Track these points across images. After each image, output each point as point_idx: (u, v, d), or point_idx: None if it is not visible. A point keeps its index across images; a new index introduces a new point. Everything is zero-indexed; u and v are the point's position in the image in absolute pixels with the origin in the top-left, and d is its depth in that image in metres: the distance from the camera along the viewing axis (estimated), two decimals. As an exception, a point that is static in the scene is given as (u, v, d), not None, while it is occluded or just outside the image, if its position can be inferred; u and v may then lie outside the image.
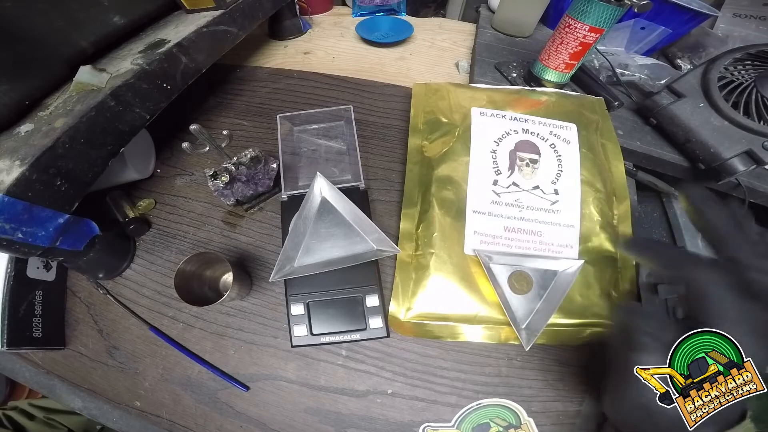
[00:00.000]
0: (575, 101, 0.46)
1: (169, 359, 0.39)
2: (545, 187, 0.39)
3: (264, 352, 0.39)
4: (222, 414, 0.37)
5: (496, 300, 0.35)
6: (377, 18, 0.68)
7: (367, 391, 0.37)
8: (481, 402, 0.36)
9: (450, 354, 0.38)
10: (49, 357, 0.40)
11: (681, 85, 0.45)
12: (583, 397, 0.37)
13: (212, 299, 0.33)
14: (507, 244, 0.38)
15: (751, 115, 0.41)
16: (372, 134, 0.50)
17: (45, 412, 0.55)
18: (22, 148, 0.28)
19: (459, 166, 0.40)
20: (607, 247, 0.38)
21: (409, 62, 0.61)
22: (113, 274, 0.42)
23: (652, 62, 0.55)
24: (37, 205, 0.28)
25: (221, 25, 0.43)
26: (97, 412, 0.38)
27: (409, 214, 0.41)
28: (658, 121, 0.47)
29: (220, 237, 0.44)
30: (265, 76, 0.58)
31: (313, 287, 0.39)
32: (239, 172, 0.40)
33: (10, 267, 0.36)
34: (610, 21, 0.39)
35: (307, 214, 0.38)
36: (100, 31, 0.37)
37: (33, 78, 0.32)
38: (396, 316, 0.37)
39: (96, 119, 0.31)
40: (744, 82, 0.42)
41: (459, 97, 0.46)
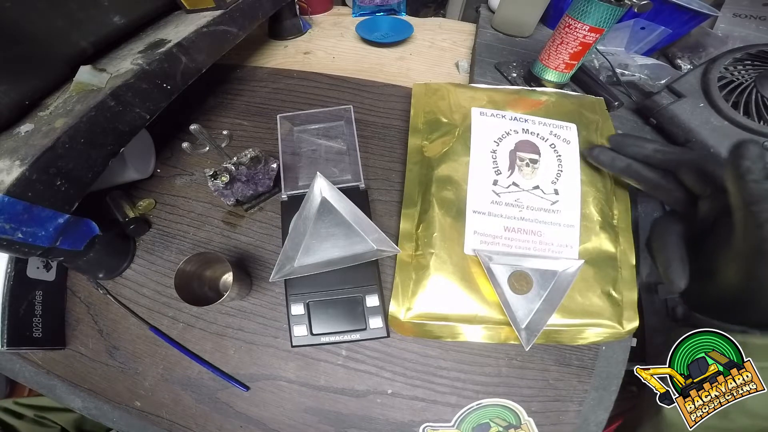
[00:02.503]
0: (575, 101, 0.46)
1: (169, 359, 0.39)
2: (545, 187, 0.39)
3: (264, 352, 0.39)
4: (222, 414, 0.37)
5: (496, 300, 0.35)
6: (377, 18, 0.68)
7: (367, 391, 0.37)
8: (481, 402, 0.36)
9: (450, 354, 0.38)
10: (49, 357, 0.40)
11: (681, 85, 0.45)
12: (583, 397, 0.37)
13: (212, 299, 0.33)
14: (507, 244, 0.38)
15: (751, 115, 0.41)
16: (372, 134, 0.50)
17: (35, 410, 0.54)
18: (22, 148, 0.28)
19: (459, 166, 0.40)
20: (607, 247, 0.38)
21: (409, 62, 0.61)
22: (113, 274, 0.42)
23: (652, 62, 0.55)
24: (37, 205, 0.28)
25: (221, 25, 0.43)
26: (97, 412, 0.38)
27: (409, 214, 0.41)
28: (658, 121, 0.47)
29: (220, 237, 0.44)
30: (265, 76, 0.58)
31: (313, 287, 0.39)
32: (239, 172, 0.40)
33: (10, 267, 0.36)
34: (610, 21, 0.39)
35: (307, 214, 0.38)
36: (100, 31, 0.37)
37: (33, 78, 0.32)
38: (396, 316, 0.37)
39: (96, 119, 0.31)
40: (744, 82, 0.42)
41: (459, 97, 0.46)
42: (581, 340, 0.37)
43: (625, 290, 0.37)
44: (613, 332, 0.36)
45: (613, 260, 0.38)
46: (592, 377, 0.38)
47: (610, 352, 0.39)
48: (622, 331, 0.36)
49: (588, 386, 0.38)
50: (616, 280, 0.37)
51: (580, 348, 0.39)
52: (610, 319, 0.36)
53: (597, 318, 0.36)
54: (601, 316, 0.36)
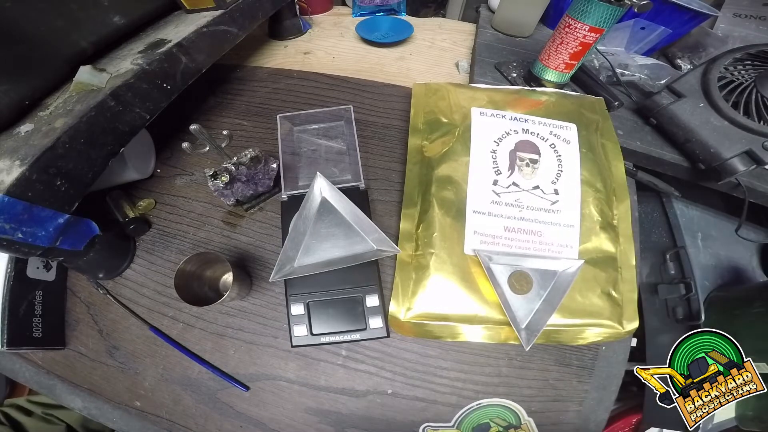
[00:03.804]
0: (575, 101, 0.46)
1: (169, 359, 0.39)
2: (545, 187, 0.39)
3: (264, 352, 0.39)
4: (222, 414, 0.37)
5: (496, 300, 0.35)
6: (377, 18, 0.68)
7: (367, 391, 0.37)
8: (481, 402, 0.36)
9: (450, 354, 0.38)
10: (49, 357, 0.40)
11: (681, 85, 0.45)
12: (583, 397, 0.37)
13: (212, 299, 0.33)
14: (507, 244, 0.38)
15: (751, 115, 0.41)
16: (372, 134, 0.50)
17: (43, 407, 0.55)
18: (22, 148, 0.28)
19: (459, 166, 0.40)
20: (607, 247, 0.38)
21: (409, 62, 0.61)
22: (113, 274, 0.42)
23: (652, 62, 0.55)
24: (37, 205, 0.28)
25: (221, 25, 0.43)
26: (97, 412, 0.38)
27: (409, 214, 0.41)
28: (658, 121, 0.47)
29: (220, 237, 0.44)
30: (265, 76, 0.58)
31: (313, 287, 0.39)
32: (239, 172, 0.40)
33: (10, 267, 0.36)
34: (610, 21, 0.39)
35: (307, 214, 0.38)
36: (100, 31, 0.37)
37: (33, 78, 0.32)
38: (396, 316, 0.37)
39: (96, 119, 0.31)
40: (744, 82, 0.42)
41: (459, 97, 0.46)
42: (581, 340, 0.37)
43: (625, 290, 0.37)
44: (613, 332, 0.36)
45: (613, 260, 0.38)
46: (592, 377, 0.38)
47: (610, 352, 0.39)
48: (622, 331, 0.36)
49: (588, 386, 0.38)
50: (616, 280, 0.37)
51: (580, 348, 0.39)
52: (610, 319, 0.36)
53: (597, 318, 0.36)
54: (601, 316, 0.36)
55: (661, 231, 0.53)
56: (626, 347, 0.39)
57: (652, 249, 0.51)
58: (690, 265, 0.48)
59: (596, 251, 0.38)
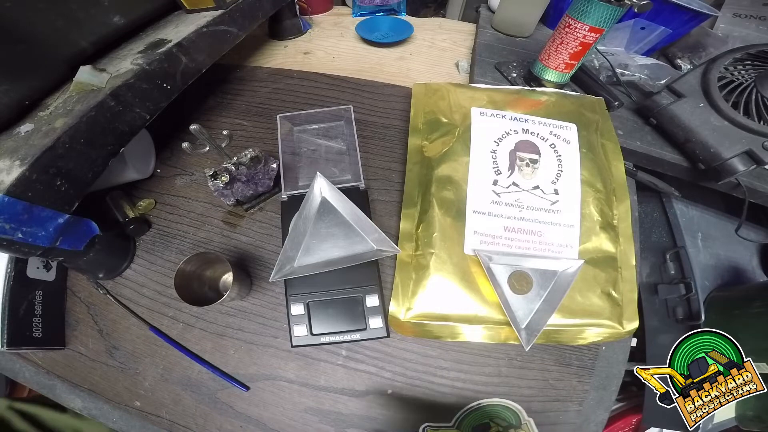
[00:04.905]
0: (575, 101, 0.46)
1: (169, 359, 0.39)
2: (545, 187, 0.39)
3: (264, 352, 0.39)
4: (222, 414, 0.37)
5: (496, 300, 0.35)
6: (377, 18, 0.68)
7: (367, 391, 0.37)
8: (480, 402, 0.36)
9: (450, 354, 0.38)
10: (49, 357, 0.40)
11: (681, 85, 0.45)
12: (583, 397, 0.37)
13: (212, 299, 0.33)
14: (507, 244, 0.38)
15: (751, 115, 0.41)
16: (372, 134, 0.50)
17: None
18: (22, 148, 0.28)
19: (459, 166, 0.40)
20: (607, 247, 0.38)
21: (409, 62, 0.61)
22: (113, 274, 0.42)
23: (652, 62, 0.55)
24: (37, 205, 0.28)
25: (221, 25, 0.43)
26: (97, 412, 0.38)
27: (409, 214, 0.41)
28: (658, 121, 0.47)
29: (220, 237, 0.44)
30: (265, 76, 0.58)
31: (313, 287, 0.39)
32: (239, 172, 0.40)
33: (10, 267, 0.36)
34: (610, 21, 0.39)
35: (307, 214, 0.38)
36: (100, 31, 0.37)
37: (33, 78, 0.32)
38: (396, 316, 0.37)
39: (96, 119, 0.31)
40: (744, 82, 0.42)
41: (459, 97, 0.46)
42: (581, 340, 0.37)
43: (625, 290, 0.37)
44: (613, 332, 0.36)
45: (613, 260, 0.38)
46: (592, 377, 0.38)
47: (610, 352, 0.39)
48: (622, 331, 0.36)
49: (588, 386, 0.38)
50: (616, 280, 0.37)
51: (580, 348, 0.39)
52: (610, 319, 0.36)
53: (597, 318, 0.36)
54: (601, 316, 0.36)
55: (661, 231, 0.53)
56: (626, 347, 0.39)
57: (652, 249, 0.51)
58: (690, 265, 0.48)
59: (596, 251, 0.38)
